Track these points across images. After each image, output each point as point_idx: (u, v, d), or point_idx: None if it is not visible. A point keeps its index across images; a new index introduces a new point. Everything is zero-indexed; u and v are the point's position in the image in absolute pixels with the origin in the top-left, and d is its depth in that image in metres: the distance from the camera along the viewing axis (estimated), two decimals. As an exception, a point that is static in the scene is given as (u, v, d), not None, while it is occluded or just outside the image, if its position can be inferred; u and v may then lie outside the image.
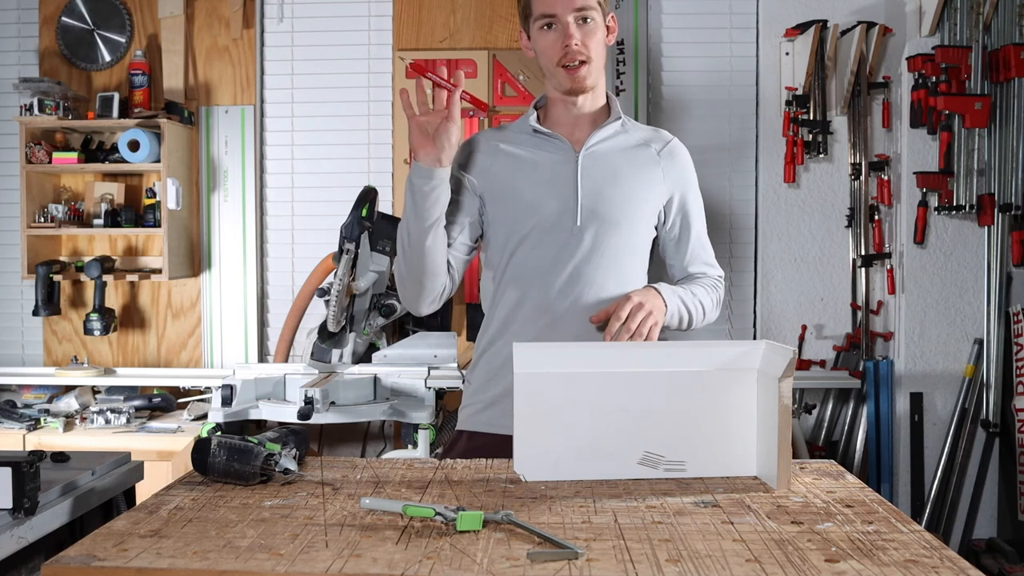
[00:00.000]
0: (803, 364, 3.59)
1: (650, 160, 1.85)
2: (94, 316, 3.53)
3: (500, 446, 1.72)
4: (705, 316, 1.87)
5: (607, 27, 1.81)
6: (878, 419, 3.54)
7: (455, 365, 3.33)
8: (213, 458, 1.42)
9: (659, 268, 1.95)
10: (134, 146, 3.45)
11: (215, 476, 1.43)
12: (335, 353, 3.07)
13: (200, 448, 1.44)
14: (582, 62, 1.76)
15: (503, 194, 1.82)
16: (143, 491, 1.63)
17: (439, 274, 1.77)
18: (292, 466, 1.42)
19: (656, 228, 1.88)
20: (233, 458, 1.41)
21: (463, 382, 3.15)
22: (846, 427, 3.61)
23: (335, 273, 2.80)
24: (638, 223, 1.82)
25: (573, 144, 1.83)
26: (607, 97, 1.88)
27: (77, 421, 3.31)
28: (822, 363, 3.63)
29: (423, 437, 3.00)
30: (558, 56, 1.76)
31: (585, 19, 1.74)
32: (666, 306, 1.74)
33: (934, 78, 3.42)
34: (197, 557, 1.09)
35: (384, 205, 3.63)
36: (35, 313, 3.55)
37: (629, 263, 1.81)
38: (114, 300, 3.72)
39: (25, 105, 3.46)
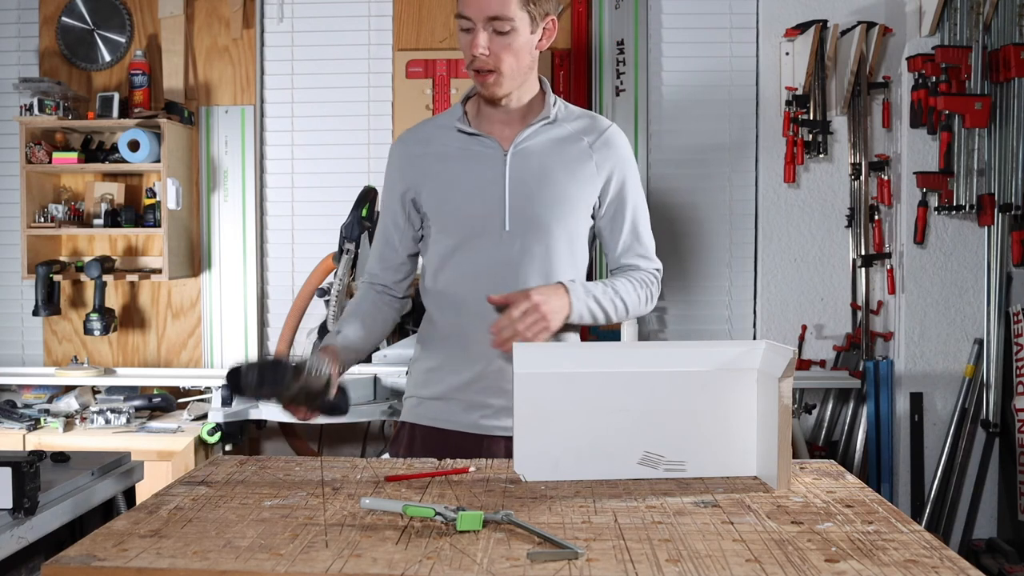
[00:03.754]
0: (803, 364, 3.59)
1: (583, 154, 1.78)
2: (94, 316, 3.53)
3: (440, 439, 1.76)
4: (628, 312, 1.79)
5: (544, 30, 1.72)
6: (878, 419, 3.54)
7: (455, 365, 3.32)
8: (246, 379, 1.42)
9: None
10: (134, 146, 3.45)
11: (252, 397, 1.43)
12: (335, 353, 3.06)
13: (232, 376, 1.45)
14: (489, 71, 1.69)
15: (430, 202, 1.78)
16: (143, 491, 1.63)
17: (381, 337, 1.89)
18: (325, 368, 1.44)
19: (593, 219, 1.82)
20: (265, 374, 1.41)
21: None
22: (846, 427, 3.60)
23: (335, 273, 2.81)
24: (571, 222, 1.76)
25: (502, 142, 1.77)
26: (541, 85, 1.81)
27: (77, 421, 3.30)
28: (822, 363, 3.63)
29: (423, 437, 2.99)
30: (468, 60, 1.71)
31: (500, 31, 1.66)
32: (572, 307, 1.68)
33: (934, 78, 3.42)
34: (197, 557, 1.09)
35: (384, 205, 3.63)
36: (35, 313, 3.55)
37: (561, 263, 1.75)
38: (114, 300, 3.72)
39: (25, 105, 3.46)
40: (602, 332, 3.41)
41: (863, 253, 3.58)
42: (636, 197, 1.83)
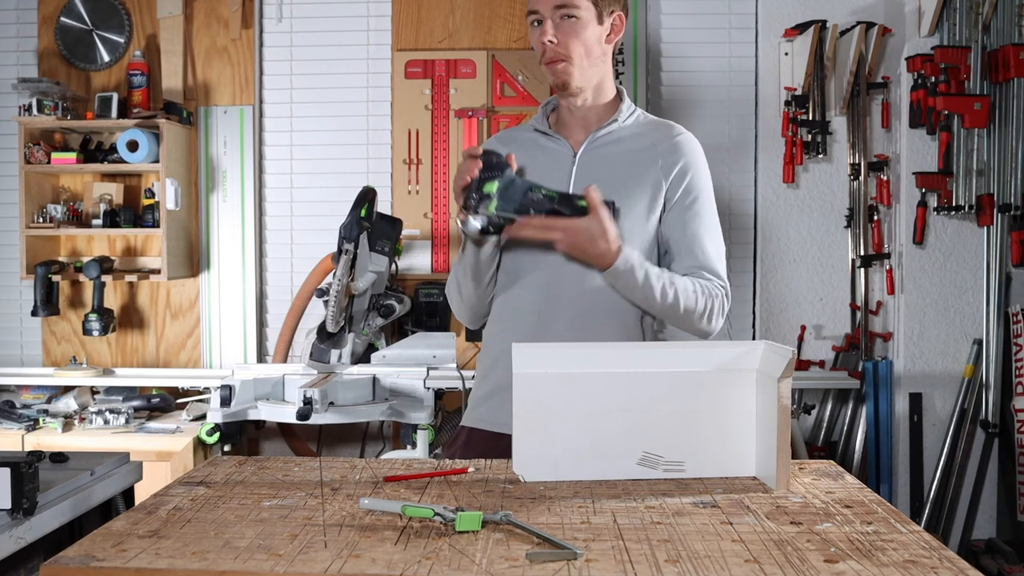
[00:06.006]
0: (802, 364, 3.59)
1: (651, 159, 1.81)
2: (93, 316, 3.53)
3: (494, 443, 1.74)
4: (681, 307, 1.74)
5: (612, 25, 1.79)
6: (877, 419, 3.54)
7: (454, 365, 3.33)
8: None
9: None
10: (133, 146, 3.45)
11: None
12: (334, 353, 3.07)
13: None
14: (561, 59, 1.75)
15: None
16: (142, 491, 1.63)
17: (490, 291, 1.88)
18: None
19: (660, 226, 1.83)
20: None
21: (463, 382, 3.16)
22: (845, 427, 3.60)
23: (334, 273, 2.80)
24: (632, 224, 1.77)
25: (573, 144, 1.82)
26: (619, 93, 1.86)
27: (76, 421, 3.30)
28: (821, 363, 3.63)
29: (422, 437, 3.00)
30: (539, 53, 1.78)
31: (568, 16, 1.73)
32: (613, 264, 1.66)
33: (933, 78, 3.42)
34: (196, 557, 1.09)
35: (383, 205, 3.63)
36: (34, 313, 3.55)
37: None
38: (113, 300, 3.72)
39: (24, 105, 3.46)
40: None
41: (862, 253, 3.58)
42: (703, 206, 1.82)
